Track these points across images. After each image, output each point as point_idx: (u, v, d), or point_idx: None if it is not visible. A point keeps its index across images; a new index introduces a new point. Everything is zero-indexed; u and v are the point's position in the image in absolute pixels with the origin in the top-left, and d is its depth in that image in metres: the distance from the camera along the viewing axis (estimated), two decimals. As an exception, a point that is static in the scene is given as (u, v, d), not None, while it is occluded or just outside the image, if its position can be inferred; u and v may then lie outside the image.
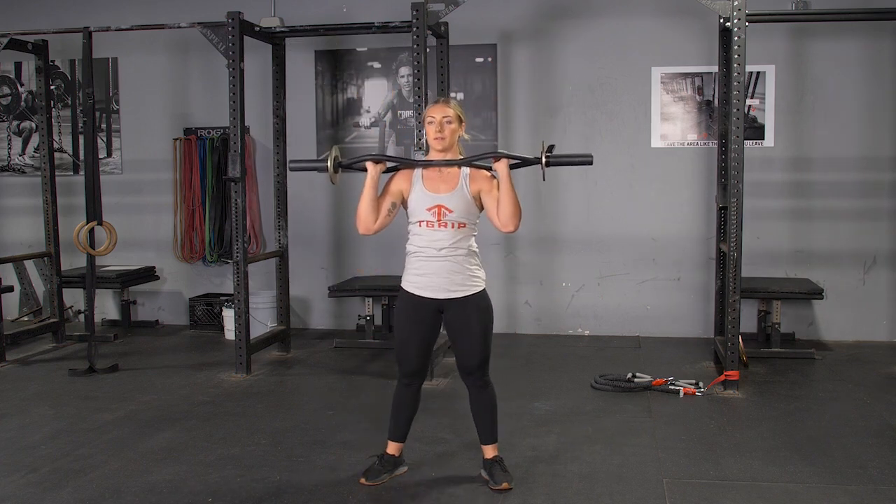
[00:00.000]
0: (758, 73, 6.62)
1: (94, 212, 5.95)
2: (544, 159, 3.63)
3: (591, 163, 3.72)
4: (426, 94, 5.41)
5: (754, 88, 6.67)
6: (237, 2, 5.86)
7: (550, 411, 4.88)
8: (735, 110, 5.16)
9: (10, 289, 6.68)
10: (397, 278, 3.81)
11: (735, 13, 5.11)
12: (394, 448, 3.84)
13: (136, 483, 3.81)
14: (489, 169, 3.66)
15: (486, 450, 3.79)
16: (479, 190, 3.62)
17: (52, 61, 7.26)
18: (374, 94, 7.26)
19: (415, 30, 5.40)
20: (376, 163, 3.67)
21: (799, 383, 5.45)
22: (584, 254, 7.00)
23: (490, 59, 7.03)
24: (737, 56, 5.11)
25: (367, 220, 3.63)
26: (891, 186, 6.63)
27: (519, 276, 7.11)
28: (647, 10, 6.81)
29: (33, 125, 7.71)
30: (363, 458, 4.01)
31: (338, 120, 7.33)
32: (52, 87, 7.30)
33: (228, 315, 6.78)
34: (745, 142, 5.60)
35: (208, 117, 7.42)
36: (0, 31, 6.24)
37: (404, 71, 7.16)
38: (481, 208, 3.67)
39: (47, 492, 3.73)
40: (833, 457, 4.09)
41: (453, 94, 6.77)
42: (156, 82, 7.55)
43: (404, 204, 3.69)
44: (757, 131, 6.71)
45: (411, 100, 6.73)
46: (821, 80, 6.65)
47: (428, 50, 5.45)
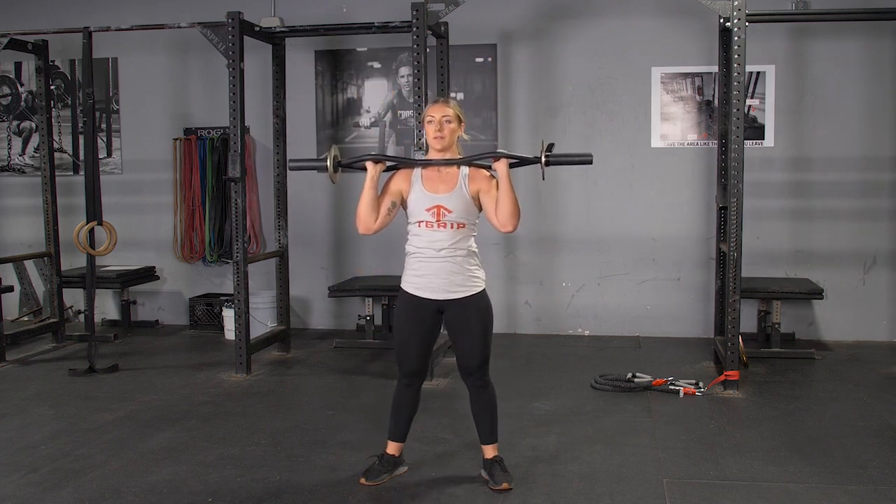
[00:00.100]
0: (758, 73, 6.62)
1: (94, 212, 5.95)
2: (544, 159, 3.62)
3: (590, 162, 3.71)
4: (426, 94, 5.41)
5: (754, 88, 6.67)
6: (237, 2, 5.86)
7: (550, 411, 4.88)
8: (735, 110, 5.16)
9: (10, 289, 6.68)
10: (397, 278, 3.81)
11: (735, 13, 5.11)
12: (394, 448, 3.84)
13: (136, 483, 3.81)
14: (489, 168, 3.66)
15: (486, 450, 3.79)
16: (477, 190, 3.62)
17: (52, 61, 7.26)
18: (374, 94, 7.26)
19: (415, 30, 5.40)
20: (376, 162, 3.67)
21: (799, 383, 5.45)
22: (584, 254, 7.00)
23: (490, 59, 7.03)
24: (737, 56, 5.11)
25: (367, 219, 3.63)
26: (891, 186, 6.63)
27: (519, 276, 7.11)
28: (647, 10, 6.81)
29: (33, 125, 7.71)
30: (363, 458, 4.01)
31: (338, 120, 7.32)
32: (52, 87, 7.30)
33: (228, 315, 6.78)
34: (745, 142, 5.59)
35: (208, 117, 7.42)
36: (0, 31, 6.24)
37: (404, 71, 7.16)
38: (480, 208, 3.67)
39: (47, 492, 3.73)
40: (833, 457, 4.09)
41: (453, 94, 6.77)
42: (156, 82, 7.55)
43: (403, 204, 3.69)
44: (757, 131, 6.71)
45: (411, 100, 6.73)
46: (821, 80, 6.65)
47: (428, 50, 5.45)
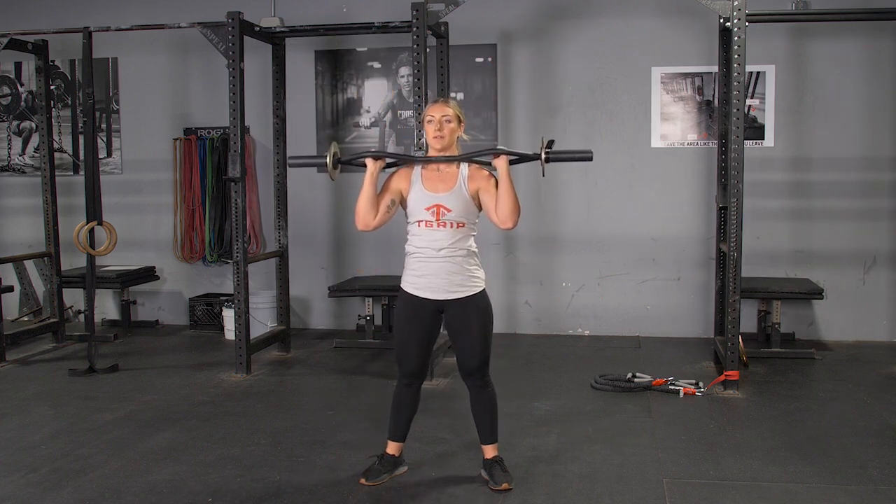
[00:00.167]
0: (758, 73, 6.62)
1: (94, 212, 5.95)
2: (544, 155, 3.62)
3: (590, 159, 3.70)
4: (426, 94, 5.41)
5: (754, 88, 6.67)
6: (237, 2, 5.86)
7: (550, 411, 4.88)
8: (735, 110, 5.16)
9: (10, 289, 6.68)
10: (397, 278, 3.81)
11: (735, 13, 5.11)
12: (394, 448, 3.84)
13: (136, 483, 3.81)
14: (489, 165, 3.65)
15: (486, 450, 3.79)
16: (477, 188, 3.62)
17: (52, 61, 7.26)
18: (374, 94, 7.26)
19: (415, 30, 5.40)
20: (376, 159, 3.67)
21: (799, 383, 5.45)
22: (584, 254, 7.00)
23: (490, 59, 7.03)
24: (737, 56, 5.11)
25: (366, 216, 3.63)
26: (891, 186, 6.63)
27: (519, 276, 7.11)
28: (647, 10, 6.81)
29: (33, 125, 7.71)
30: (363, 458, 4.01)
31: (338, 120, 7.32)
32: (52, 87, 7.30)
33: (228, 315, 6.78)
34: (745, 142, 5.59)
35: (208, 117, 7.42)
36: (0, 31, 6.24)
37: (404, 71, 7.16)
38: (480, 208, 3.67)
39: (47, 492, 3.73)
40: (833, 457, 4.09)
41: (453, 94, 6.77)
42: (156, 82, 7.55)
43: (403, 203, 3.69)
44: (757, 131, 6.71)
45: (411, 100, 6.73)
46: (821, 80, 6.65)
47: (428, 50, 5.45)
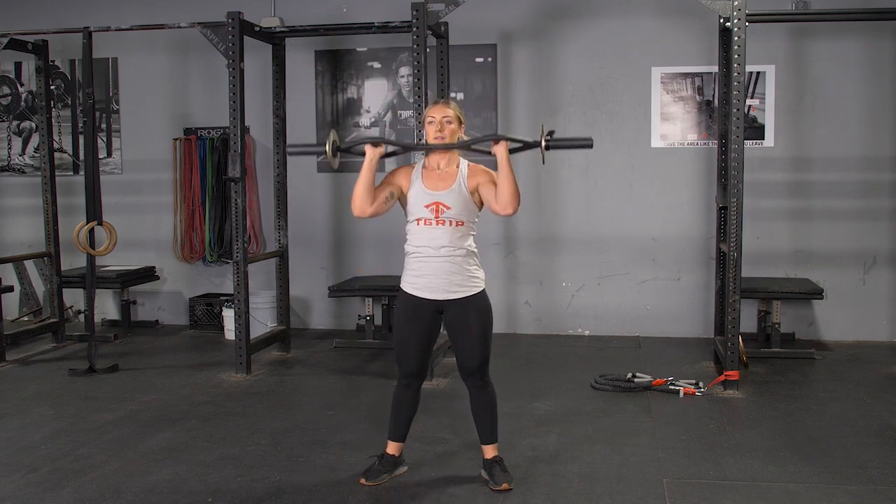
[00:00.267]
0: (758, 73, 6.62)
1: (94, 212, 5.95)
2: (544, 143, 3.63)
3: (591, 146, 3.71)
4: (426, 94, 5.41)
5: (754, 88, 6.67)
6: (237, 2, 5.86)
7: (550, 411, 4.88)
8: (735, 110, 5.16)
9: (10, 289, 6.68)
10: (397, 278, 3.81)
11: (735, 13, 5.11)
12: (394, 448, 3.84)
13: (136, 483, 3.81)
14: (489, 153, 3.65)
15: (486, 450, 3.79)
16: (476, 184, 3.62)
17: (52, 61, 7.26)
18: (374, 94, 7.26)
19: (415, 30, 5.40)
20: (375, 145, 3.67)
21: (799, 383, 5.45)
22: (584, 254, 7.00)
23: (490, 59, 7.03)
24: (737, 56, 5.11)
25: (362, 202, 3.61)
26: (891, 186, 6.63)
27: (519, 276, 7.11)
28: (647, 10, 6.81)
29: (33, 125, 7.71)
30: (363, 458, 4.01)
31: (338, 120, 7.32)
32: (52, 87, 7.30)
33: (228, 315, 6.78)
34: (745, 142, 5.59)
35: (208, 117, 7.42)
36: (0, 31, 6.24)
37: (404, 71, 7.16)
38: (480, 206, 3.67)
39: (47, 492, 3.73)
40: (833, 457, 4.09)
41: (453, 94, 6.77)
42: (156, 82, 7.55)
43: (403, 201, 3.70)
44: (757, 131, 6.71)
45: (411, 100, 6.73)
46: (821, 80, 6.65)
47: (428, 50, 5.45)
